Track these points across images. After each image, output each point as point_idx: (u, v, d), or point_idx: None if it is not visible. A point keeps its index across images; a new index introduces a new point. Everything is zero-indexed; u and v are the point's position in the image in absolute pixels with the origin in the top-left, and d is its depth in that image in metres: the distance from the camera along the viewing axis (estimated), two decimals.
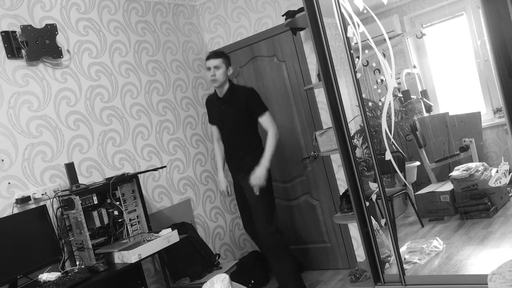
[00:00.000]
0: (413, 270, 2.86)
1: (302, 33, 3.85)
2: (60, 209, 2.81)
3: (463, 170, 3.22)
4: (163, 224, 3.54)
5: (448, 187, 3.34)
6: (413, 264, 2.91)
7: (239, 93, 3.46)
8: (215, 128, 3.67)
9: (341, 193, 3.28)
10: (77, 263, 2.79)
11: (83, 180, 3.09)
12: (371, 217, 2.85)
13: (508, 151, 3.22)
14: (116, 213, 2.98)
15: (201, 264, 3.44)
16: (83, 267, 2.67)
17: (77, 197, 2.71)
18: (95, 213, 2.83)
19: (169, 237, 2.93)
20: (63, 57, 3.15)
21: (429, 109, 3.50)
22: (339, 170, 3.90)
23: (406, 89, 3.51)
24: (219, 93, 3.50)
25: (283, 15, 3.33)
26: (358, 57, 2.68)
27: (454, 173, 3.28)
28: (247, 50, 4.24)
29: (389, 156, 2.72)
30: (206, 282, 2.64)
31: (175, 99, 3.99)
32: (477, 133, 3.28)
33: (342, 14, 2.66)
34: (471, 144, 3.28)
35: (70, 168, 2.91)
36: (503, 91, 2.35)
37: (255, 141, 3.48)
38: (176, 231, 3.01)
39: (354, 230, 3.90)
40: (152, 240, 2.85)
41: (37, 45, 2.96)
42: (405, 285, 2.73)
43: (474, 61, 3.24)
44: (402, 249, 3.06)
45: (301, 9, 3.07)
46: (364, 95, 2.81)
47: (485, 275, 1.98)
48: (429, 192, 3.45)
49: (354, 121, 3.30)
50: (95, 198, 2.84)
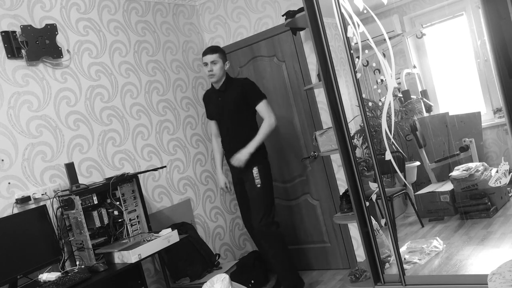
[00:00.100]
0: (413, 270, 2.86)
1: (302, 33, 3.85)
2: (60, 209, 2.81)
3: (463, 170, 3.22)
4: (163, 224, 3.54)
5: (448, 187, 3.34)
6: (413, 264, 2.91)
7: (235, 83, 3.55)
8: (213, 123, 3.71)
9: (341, 193, 3.28)
10: (77, 263, 2.79)
11: (83, 180, 3.09)
12: (371, 217, 2.85)
13: (508, 151, 3.22)
14: (116, 213, 2.98)
15: (201, 264, 3.44)
16: (83, 267, 2.67)
17: (77, 197, 2.71)
18: (95, 213, 2.83)
19: (169, 237, 2.93)
20: (63, 57, 3.15)
21: (429, 109, 3.49)
22: (339, 170, 3.90)
23: (406, 89, 3.51)
24: (216, 86, 3.58)
25: (283, 15, 3.33)
26: (358, 57, 2.68)
27: (454, 173, 3.28)
28: (247, 50, 4.24)
29: (389, 156, 2.72)
30: (206, 282, 2.64)
31: (175, 99, 3.99)
32: (477, 133, 3.28)
33: (342, 14, 2.66)
34: (471, 144, 3.28)
35: (70, 168, 2.91)
36: (503, 91, 2.35)
37: (254, 133, 3.48)
38: (176, 231, 3.01)
39: (354, 230, 3.90)
40: (152, 240, 2.85)
41: (37, 45, 2.96)
42: (405, 285, 2.73)
43: (474, 61, 3.24)
44: (402, 249, 3.06)
45: (301, 9, 3.07)
46: (364, 95, 2.81)
47: (485, 275, 1.98)
48: (429, 192, 3.45)
49: (354, 121, 3.30)
50: (95, 198, 2.84)
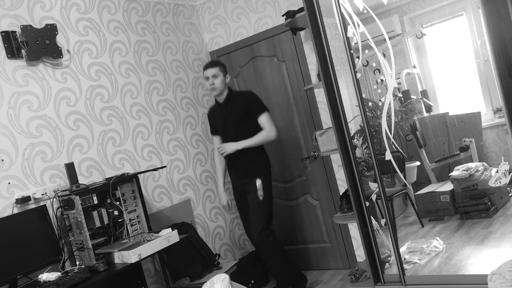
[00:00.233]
0: (413, 270, 2.86)
1: (302, 33, 3.85)
2: (60, 209, 2.81)
3: (463, 170, 3.22)
4: (163, 224, 3.53)
5: (448, 187, 3.34)
6: (413, 264, 2.91)
7: (238, 96, 3.58)
8: (217, 138, 3.71)
9: (341, 193, 3.28)
10: (77, 263, 2.79)
11: (83, 180, 3.08)
12: (371, 217, 2.85)
13: (508, 151, 3.22)
14: (116, 213, 2.98)
15: (201, 264, 3.44)
16: (83, 267, 2.66)
17: (77, 197, 2.71)
18: (95, 213, 2.83)
19: (169, 237, 2.93)
20: (63, 57, 3.15)
21: (429, 109, 3.49)
22: (339, 170, 3.90)
23: (406, 89, 3.51)
24: (220, 100, 3.60)
25: (283, 15, 3.33)
26: (358, 57, 2.68)
27: (454, 173, 3.28)
28: (247, 50, 4.24)
29: (389, 156, 2.72)
30: (206, 282, 2.64)
31: (175, 99, 3.99)
32: (477, 133, 3.28)
33: (342, 14, 2.66)
34: (471, 144, 3.28)
35: (70, 168, 2.91)
36: (503, 91, 2.35)
37: (258, 147, 3.54)
38: (176, 231, 3.01)
39: (354, 230, 3.90)
40: (152, 240, 2.85)
41: (37, 45, 2.95)
42: (405, 285, 2.73)
43: (474, 61, 3.24)
44: (402, 249, 3.06)
45: (301, 9, 3.07)
46: (364, 95, 2.81)
47: (485, 275, 1.98)
48: (429, 192, 3.45)
49: (354, 121, 3.30)
50: (95, 198, 2.84)
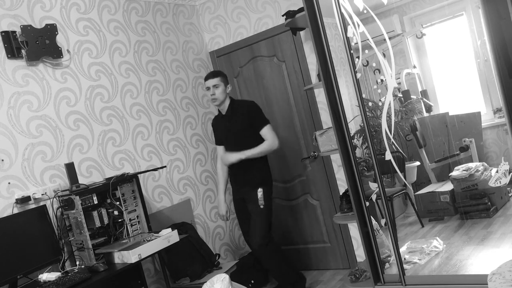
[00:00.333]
0: (413, 270, 2.86)
1: (302, 33, 3.85)
2: (60, 209, 2.81)
3: (463, 170, 3.22)
4: (163, 224, 3.54)
5: (448, 187, 3.34)
6: (413, 264, 2.91)
7: (240, 107, 3.56)
8: (221, 148, 3.71)
9: (341, 193, 3.28)
10: (77, 263, 2.79)
11: (83, 180, 3.09)
12: (371, 217, 2.85)
13: (508, 151, 3.22)
14: (116, 213, 2.98)
15: (201, 264, 3.44)
16: (83, 267, 2.67)
17: (77, 197, 2.71)
18: (95, 213, 2.83)
19: (169, 237, 2.93)
20: (63, 57, 3.15)
21: (429, 109, 3.49)
22: (339, 170, 3.90)
23: (406, 89, 3.51)
24: (222, 111, 3.60)
25: (283, 15, 3.33)
26: (358, 57, 2.68)
27: (454, 173, 3.28)
28: (247, 50, 4.24)
29: (389, 156, 2.72)
30: (206, 282, 2.64)
31: (175, 99, 3.99)
32: (477, 133, 3.28)
33: (342, 14, 2.66)
34: (471, 144, 3.28)
35: (70, 168, 2.91)
36: (503, 91, 2.35)
37: (262, 157, 3.55)
38: (176, 231, 3.01)
39: (354, 230, 3.90)
40: (152, 240, 2.85)
41: (37, 45, 2.95)
42: (405, 285, 2.73)
43: (474, 61, 3.24)
44: (402, 249, 3.06)
45: (301, 9, 3.07)
46: (364, 95, 2.81)
47: (485, 275, 1.98)
48: (429, 192, 3.45)
49: (354, 121, 3.30)
50: (95, 198, 2.84)
